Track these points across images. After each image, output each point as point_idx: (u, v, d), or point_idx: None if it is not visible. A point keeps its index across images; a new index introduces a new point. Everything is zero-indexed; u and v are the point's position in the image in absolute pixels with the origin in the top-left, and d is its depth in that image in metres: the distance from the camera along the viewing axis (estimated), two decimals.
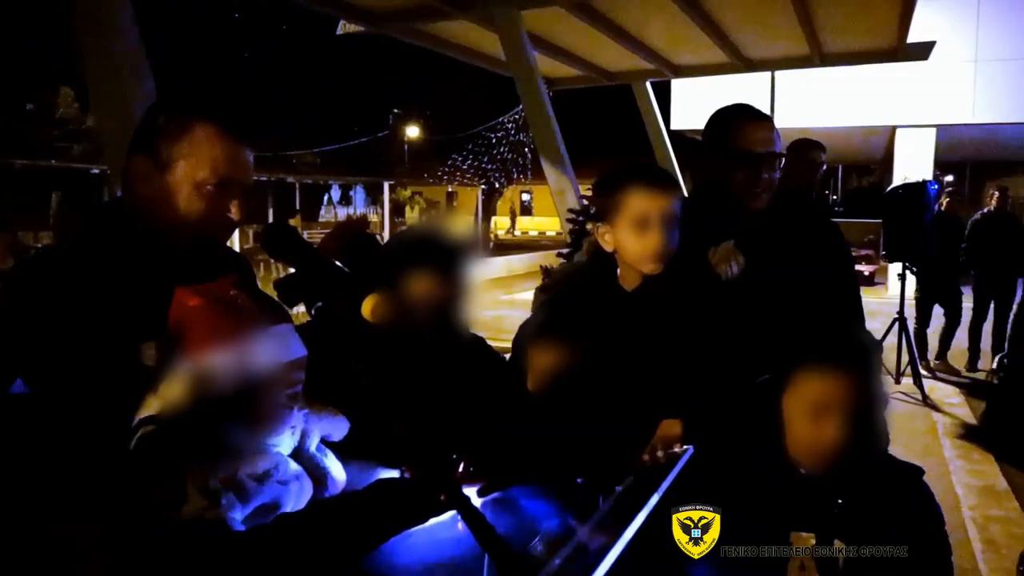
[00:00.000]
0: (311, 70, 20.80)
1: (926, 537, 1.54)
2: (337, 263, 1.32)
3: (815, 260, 2.26)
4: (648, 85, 9.38)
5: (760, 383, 1.64)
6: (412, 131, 24.57)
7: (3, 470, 1.01)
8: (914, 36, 7.85)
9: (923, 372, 7.77)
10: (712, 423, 1.73)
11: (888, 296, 12.24)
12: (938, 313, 8.35)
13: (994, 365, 7.34)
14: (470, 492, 1.48)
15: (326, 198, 30.63)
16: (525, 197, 36.11)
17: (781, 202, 2.35)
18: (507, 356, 2.24)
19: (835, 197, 27.92)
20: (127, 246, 1.59)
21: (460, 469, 1.58)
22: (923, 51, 8.34)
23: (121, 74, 2.46)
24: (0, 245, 20.35)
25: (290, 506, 1.36)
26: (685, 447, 1.52)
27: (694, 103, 14.40)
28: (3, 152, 15.58)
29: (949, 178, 21.16)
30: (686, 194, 2.34)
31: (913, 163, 13.76)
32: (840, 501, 1.54)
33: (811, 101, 13.66)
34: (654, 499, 1.24)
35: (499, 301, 14.28)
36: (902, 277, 7.64)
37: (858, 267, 15.56)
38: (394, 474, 1.53)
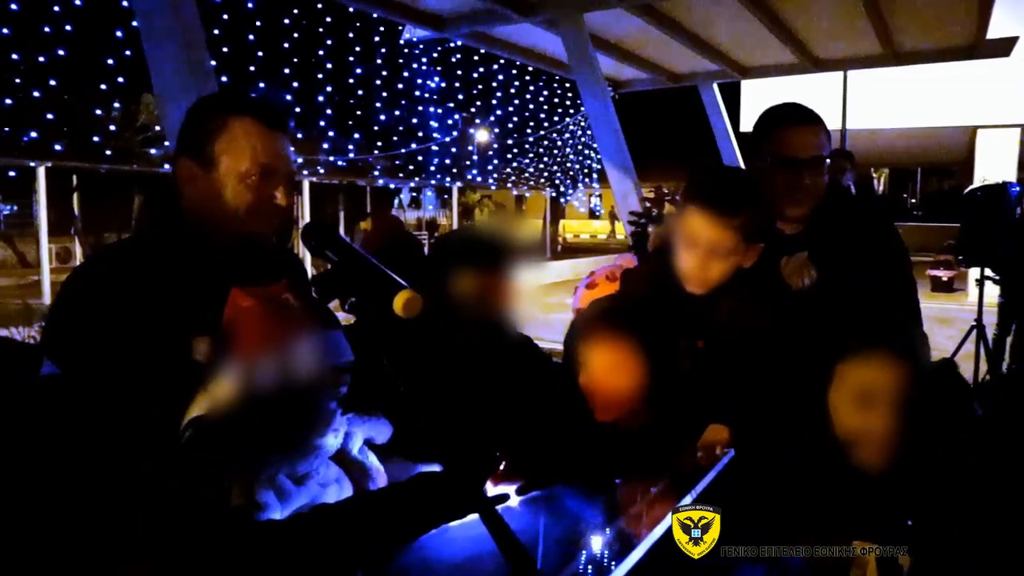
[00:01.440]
0: (379, 75, 21.09)
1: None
2: (374, 261, 1.34)
3: (865, 262, 2.19)
4: (715, 87, 9.25)
5: (802, 383, 1.61)
6: (481, 135, 24.72)
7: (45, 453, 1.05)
8: (994, 32, 7.56)
9: None
10: (760, 429, 1.69)
11: (968, 303, 11.79)
12: None
13: None
14: (508, 490, 1.49)
15: (396, 201, 31.06)
16: (594, 201, 36.05)
17: (831, 205, 2.30)
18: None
19: (913, 200, 27.05)
20: (181, 245, 1.66)
21: (500, 467, 1.59)
22: (1004, 47, 8.03)
23: (184, 75, 2.54)
24: (85, 246, 21.29)
25: None
26: (726, 450, 1.50)
27: (764, 104, 14.15)
28: (89, 158, 16.25)
29: None
30: None
31: (995, 165, 13.21)
32: (908, 511, 1.48)
33: (885, 101, 13.26)
34: (686, 500, 1.22)
35: (563, 304, 14.26)
36: (980, 283, 7.35)
37: (936, 272, 15.03)
38: (433, 470, 1.54)
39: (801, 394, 1.61)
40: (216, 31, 15.72)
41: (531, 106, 25.31)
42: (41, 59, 14.77)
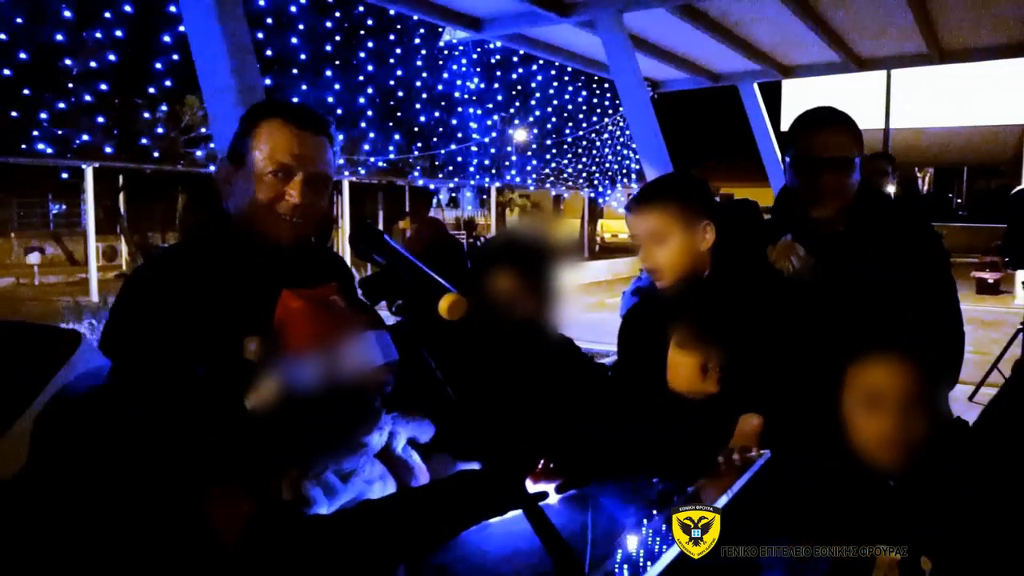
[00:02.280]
0: (419, 77, 21.22)
1: None
2: (420, 264, 1.38)
3: (901, 264, 2.19)
4: (755, 87, 9.16)
5: (817, 385, 1.62)
6: (520, 135, 24.75)
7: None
8: None
9: None
10: (790, 421, 1.71)
11: (1014, 305, 11.56)
12: None
13: None
14: (548, 488, 1.51)
15: (434, 201, 31.22)
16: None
17: (865, 206, 2.31)
18: (603, 359, 2.27)
19: (958, 200, 26.51)
20: (228, 247, 1.72)
21: (540, 465, 1.62)
22: None
23: (230, 78, 2.60)
24: (130, 245, 21.74)
25: None
26: (762, 451, 1.51)
27: (805, 104, 13.98)
28: (135, 158, 16.60)
29: None
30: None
31: None
32: (930, 517, 1.48)
33: (930, 100, 13.02)
34: (722, 500, 1.24)
35: (603, 304, 14.23)
36: None
37: (981, 274, 14.73)
38: (474, 467, 1.57)
39: (815, 396, 1.62)
40: (260, 35, 15.96)
41: (569, 106, 25.29)
42: (93, 64, 15.15)
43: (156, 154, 16.55)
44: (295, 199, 1.70)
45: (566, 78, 24.46)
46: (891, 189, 5.25)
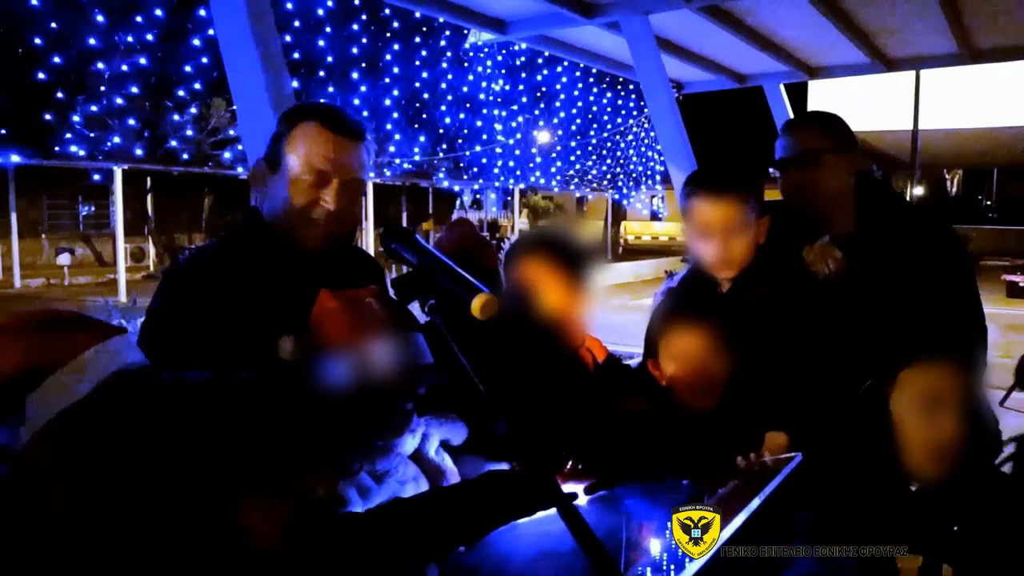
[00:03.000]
0: (445, 79, 21.32)
1: None
2: (452, 264, 1.38)
3: (915, 266, 2.18)
4: (781, 87, 9.10)
5: (864, 390, 1.60)
6: (544, 137, 24.75)
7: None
8: None
9: None
10: (818, 434, 1.70)
11: None
12: None
13: None
14: (577, 488, 1.51)
15: (458, 203, 31.31)
16: (655, 202, 35.78)
17: (876, 207, 2.31)
18: (629, 361, 2.26)
19: (988, 202, 26.15)
20: (265, 247, 1.73)
21: (567, 466, 1.62)
22: None
23: (259, 79, 2.62)
24: (158, 246, 22.00)
25: None
26: (794, 453, 1.50)
27: (831, 105, 13.85)
28: (163, 160, 16.82)
29: None
30: None
31: None
32: (956, 526, 1.47)
33: (960, 100, 12.85)
34: (755, 503, 1.24)
35: (626, 306, 14.20)
36: None
37: (1012, 277, 14.54)
38: (503, 467, 1.58)
39: (862, 399, 1.61)
40: (288, 38, 16.11)
41: (594, 108, 25.26)
42: (124, 68, 15.38)
43: (185, 156, 16.76)
44: (330, 205, 1.70)
45: (591, 80, 24.44)
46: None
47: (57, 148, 15.15)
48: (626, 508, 1.53)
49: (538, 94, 24.02)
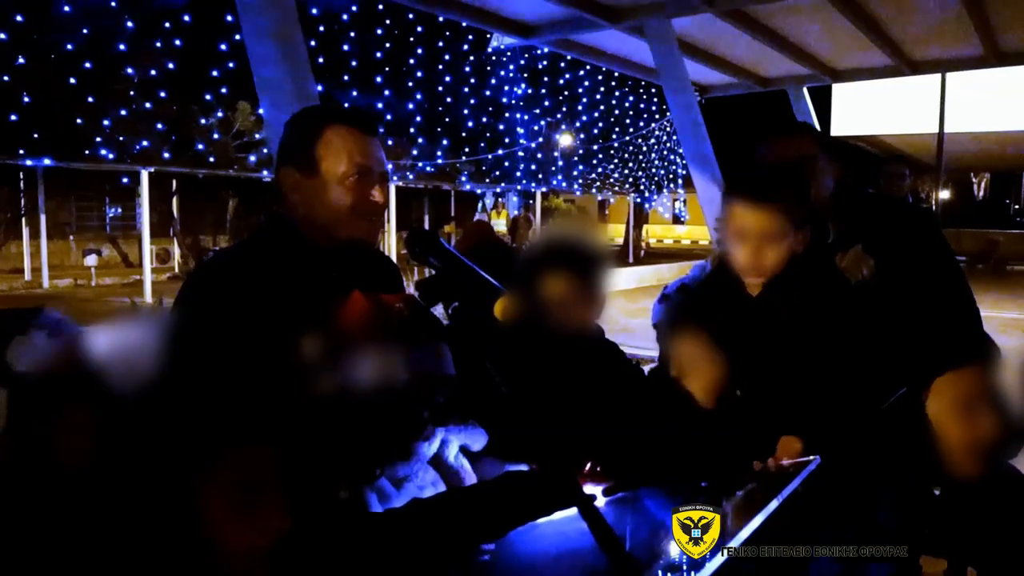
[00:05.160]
0: (468, 83, 21.41)
1: None
2: (475, 266, 1.40)
3: (887, 264, 2.21)
4: (805, 91, 9.05)
5: (898, 397, 1.62)
6: (566, 140, 24.75)
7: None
8: None
9: None
10: (837, 441, 1.70)
11: None
12: None
13: None
14: (595, 490, 1.53)
15: (480, 205, 31.36)
16: (677, 206, 35.72)
17: (851, 210, 2.35)
18: (646, 365, 2.27)
19: (1016, 207, 25.82)
20: (293, 250, 1.77)
21: (586, 468, 1.64)
22: None
23: (286, 83, 2.67)
24: (183, 247, 22.22)
25: None
26: (812, 456, 1.51)
27: (855, 108, 13.75)
28: (188, 163, 17.02)
29: None
30: None
31: None
32: (981, 527, 1.48)
33: (986, 103, 12.70)
34: (773, 505, 1.25)
35: (645, 310, 14.13)
36: None
37: None
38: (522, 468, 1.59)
39: (896, 406, 1.61)
40: (312, 42, 16.25)
41: (616, 111, 25.22)
42: (153, 72, 15.60)
43: (210, 159, 16.95)
44: (379, 198, 1.79)
45: (613, 83, 24.40)
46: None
47: (87, 151, 15.38)
48: (644, 509, 1.55)
49: (560, 97, 24.04)
